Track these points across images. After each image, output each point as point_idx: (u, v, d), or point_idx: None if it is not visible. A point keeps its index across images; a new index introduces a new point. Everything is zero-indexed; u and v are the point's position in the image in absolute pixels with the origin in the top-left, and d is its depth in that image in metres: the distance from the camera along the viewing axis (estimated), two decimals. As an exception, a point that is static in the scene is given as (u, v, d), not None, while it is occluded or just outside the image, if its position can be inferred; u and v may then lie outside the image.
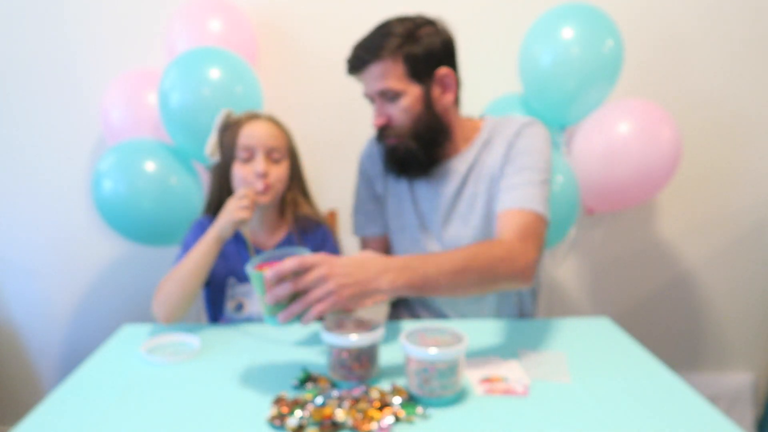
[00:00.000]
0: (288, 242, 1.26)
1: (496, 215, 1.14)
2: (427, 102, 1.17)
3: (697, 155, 1.79)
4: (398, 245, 1.33)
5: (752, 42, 1.75)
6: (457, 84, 1.21)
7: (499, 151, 1.20)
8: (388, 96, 1.15)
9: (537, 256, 1.05)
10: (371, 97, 1.19)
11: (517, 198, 1.11)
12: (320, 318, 0.87)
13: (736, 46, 1.75)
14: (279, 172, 1.19)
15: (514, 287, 1.02)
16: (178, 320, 1.15)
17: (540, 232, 1.09)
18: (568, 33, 1.46)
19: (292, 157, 1.25)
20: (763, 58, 1.76)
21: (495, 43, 1.74)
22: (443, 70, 1.17)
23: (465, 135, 1.25)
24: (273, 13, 1.73)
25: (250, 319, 1.22)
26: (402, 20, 1.16)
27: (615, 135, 1.50)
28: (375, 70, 1.14)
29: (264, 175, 1.16)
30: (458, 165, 1.24)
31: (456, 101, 1.23)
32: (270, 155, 1.18)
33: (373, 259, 0.90)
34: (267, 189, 1.17)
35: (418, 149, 1.18)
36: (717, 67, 1.76)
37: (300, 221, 1.27)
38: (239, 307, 1.23)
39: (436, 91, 1.18)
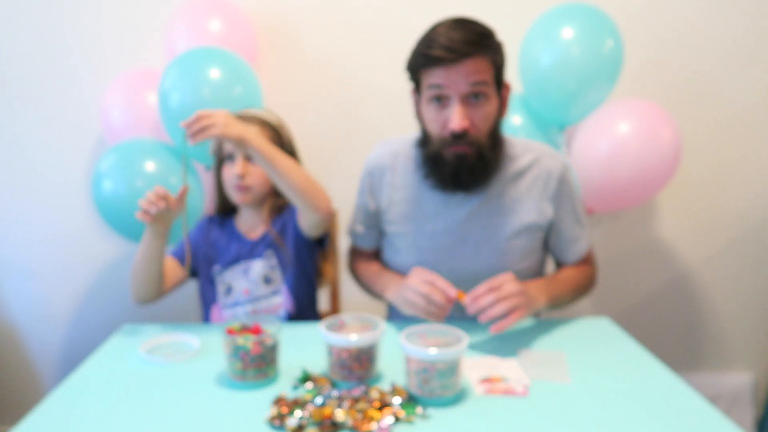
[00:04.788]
0: (267, 235, 1.27)
1: (568, 262, 1.28)
2: (499, 113, 1.13)
3: (697, 155, 1.78)
4: (398, 256, 1.24)
5: (752, 42, 1.75)
6: None
7: (536, 190, 1.18)
8: (478, 97, 1.07)
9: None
10: (444, 96, 1.07)
11: (585, 247, 1.28)
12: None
13: (736, 45, 1.75)
14: (258, 173, 1.20)
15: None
16: (148, 301, 1.22)
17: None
18: (568, 33, 1.46)
19: None
20: (763, 58, 1.76)
21: (495, 43, 1.74)
22: (507, 84, 1.14)
23: None
24: (273, 13, 1.73)
25: (237, 304, 1.26)
26: (478, 23, 1.09)
27: (615, 135, 1.50)
28: (473, 64, 1.04)
29: (241, 177, 1.19)
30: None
31: None
32: (249, 157, 1.18)
33: (533, 287, 1.10)
34: (243, 189, 1.20)
35: (491, 159, 1.11)
36: (717, 67, 1.76)
37: (276, 211, 1.28)
38: (228, 290, 1.27)
39: (503, 103, 1.15)
